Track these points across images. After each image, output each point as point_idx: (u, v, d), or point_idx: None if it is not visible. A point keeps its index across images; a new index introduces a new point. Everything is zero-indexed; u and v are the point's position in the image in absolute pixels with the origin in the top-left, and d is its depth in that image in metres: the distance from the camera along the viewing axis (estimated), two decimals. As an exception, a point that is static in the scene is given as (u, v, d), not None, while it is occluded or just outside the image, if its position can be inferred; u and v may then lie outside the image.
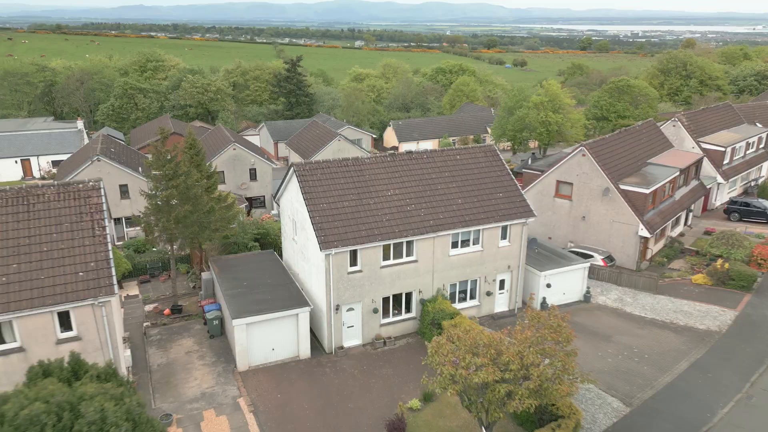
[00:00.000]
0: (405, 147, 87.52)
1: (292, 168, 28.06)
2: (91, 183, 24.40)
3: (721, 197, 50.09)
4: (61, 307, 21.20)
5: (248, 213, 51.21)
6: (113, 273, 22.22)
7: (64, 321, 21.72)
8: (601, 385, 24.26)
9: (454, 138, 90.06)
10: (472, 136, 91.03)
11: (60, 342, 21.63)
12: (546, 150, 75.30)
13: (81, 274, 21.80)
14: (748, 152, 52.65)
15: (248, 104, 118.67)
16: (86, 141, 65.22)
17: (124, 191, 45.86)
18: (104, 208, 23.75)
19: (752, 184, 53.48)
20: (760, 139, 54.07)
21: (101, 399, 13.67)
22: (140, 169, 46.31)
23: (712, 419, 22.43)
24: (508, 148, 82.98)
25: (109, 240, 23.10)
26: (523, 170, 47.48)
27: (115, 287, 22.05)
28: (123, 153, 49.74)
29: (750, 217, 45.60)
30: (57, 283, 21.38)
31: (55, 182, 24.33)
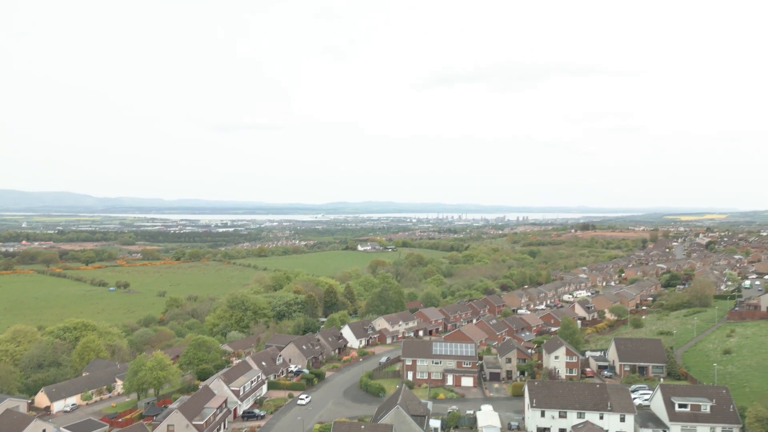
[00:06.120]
0: (56, 405, 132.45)
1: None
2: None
3: (242, 409, 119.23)
4: None
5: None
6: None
7: None
8: None
9: (92, 390, 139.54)
10: (105, 387, 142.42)
11: None
12: (159, 391, 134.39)
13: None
14: (252, 384, 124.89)
15: None
16: None
17: None
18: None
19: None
20: (258, 377, 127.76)
21: None
22: None
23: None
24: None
25: None
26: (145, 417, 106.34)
27: None
28: None
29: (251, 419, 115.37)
30: None
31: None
